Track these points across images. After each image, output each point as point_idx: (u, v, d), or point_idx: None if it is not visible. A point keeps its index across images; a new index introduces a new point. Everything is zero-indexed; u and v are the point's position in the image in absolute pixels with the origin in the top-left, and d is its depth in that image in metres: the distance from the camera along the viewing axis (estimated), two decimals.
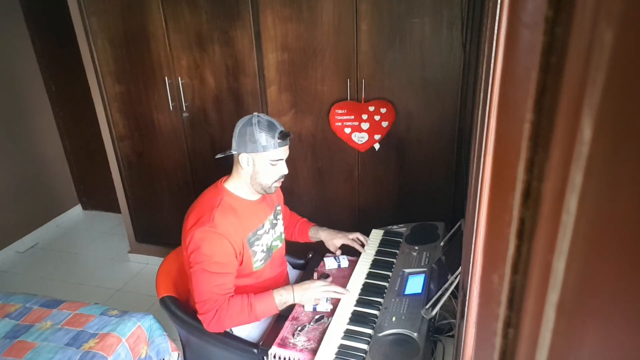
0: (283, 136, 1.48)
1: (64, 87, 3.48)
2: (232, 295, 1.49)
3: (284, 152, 1.51)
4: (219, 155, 1.59)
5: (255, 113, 1.50)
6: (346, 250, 1.84)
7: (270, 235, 1.66)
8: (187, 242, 1.48)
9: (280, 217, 1.75)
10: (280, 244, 1.74)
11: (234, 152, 1.51)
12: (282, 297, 1.50)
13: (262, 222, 1.62)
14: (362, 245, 1.83)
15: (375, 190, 2.41)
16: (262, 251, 1.62)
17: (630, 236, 0.21)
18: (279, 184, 1.57)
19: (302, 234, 1.87)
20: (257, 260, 1.60)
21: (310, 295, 1.53)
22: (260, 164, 1.48)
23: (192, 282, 1.49)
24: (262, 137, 1.45)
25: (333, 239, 1.81)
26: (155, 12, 2.35)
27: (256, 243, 1.59)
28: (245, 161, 1.49)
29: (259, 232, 1.60)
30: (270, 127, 1.46)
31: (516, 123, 0.34)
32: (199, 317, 1.48)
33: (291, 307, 1.57)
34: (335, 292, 1.55)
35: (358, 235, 1.84)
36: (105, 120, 2.73)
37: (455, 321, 1.22)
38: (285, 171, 1.54)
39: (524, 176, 0.32)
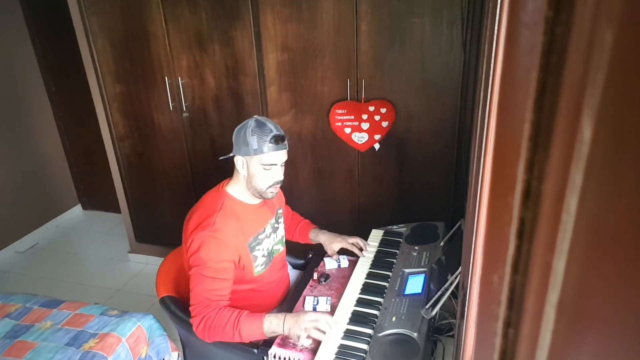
0: (276, 140, 1.44)
1: (64, 87, 3.48)
2: (225, 306, 1.44)
3: (277, 156, 1.47)
4: (222, 157, 1.59)
5: (255, 116, 1.49)
6: (346, 251, 1.84)
7: (271, 239, 1.66)
8: (187, 245, 1.47)
9: (281, 220, 1.75)
10: (281, 248, 1.74)
11: (232, 155, 1.51)
12: (271, 325, 1.40)
13: (263, 226, 1.62)
14: (361, 250, 1.81)
15: (375, 190, 2.41)
16: (263, 256, 1.61)
17: (630, 236, 0.21)
18: (275, 190, 1.54)
19: (302, 236, 1.87)
20: (258, 265, 1.60)
21: (299, 328, 1.38)
22: (253, 167, 1.47)
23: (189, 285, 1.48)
24: (254, 140, 1.43)
25: (332, 243, 1.80)
26: (155, 12, 2.35)
27: (257, 248, 1.58)
28: (240, 164, 1.49)
29: (260, 237, 1.60)
30: (264, 131, 1.44)
31: (516, 123, 0.34)
32: (190, 320, 1.46)
33: (291, 308, 1.57)
34: (318, 329, 1.38)
35: (357, 240, 1.83)
36: (105, 120, 2.73)
37: (455, 321, 1.21)
38: (280, 177, 1.51)
39: (524, 176, 0.32)
